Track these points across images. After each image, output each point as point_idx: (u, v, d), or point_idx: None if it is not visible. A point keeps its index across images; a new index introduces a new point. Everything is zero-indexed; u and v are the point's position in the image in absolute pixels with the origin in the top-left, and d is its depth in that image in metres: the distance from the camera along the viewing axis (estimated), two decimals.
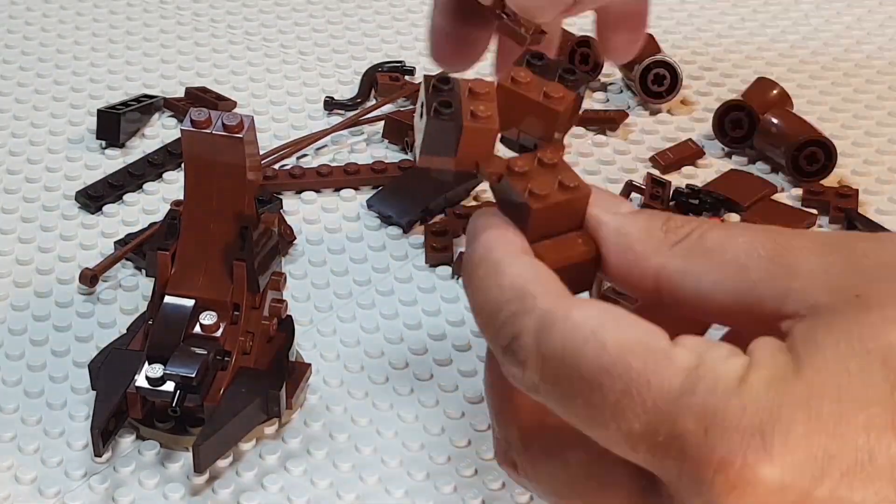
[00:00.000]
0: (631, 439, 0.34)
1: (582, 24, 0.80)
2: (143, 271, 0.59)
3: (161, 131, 0.70)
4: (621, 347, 0.35)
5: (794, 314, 0.36)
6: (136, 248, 0.60)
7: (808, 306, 0.36)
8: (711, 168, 0.67)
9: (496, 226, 0.40)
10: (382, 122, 0.70)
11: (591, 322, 0.36)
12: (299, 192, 0.65)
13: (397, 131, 0.69)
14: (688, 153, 0.68)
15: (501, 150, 0.42)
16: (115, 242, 0.61)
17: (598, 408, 0.35)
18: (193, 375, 0.47)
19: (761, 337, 0.36)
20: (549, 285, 0.38)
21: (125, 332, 0.52)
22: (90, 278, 0.58)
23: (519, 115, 0.42)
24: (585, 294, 0.41)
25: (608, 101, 0.73)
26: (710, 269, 0.38)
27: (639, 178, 0.65)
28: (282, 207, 0.63)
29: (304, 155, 0.68)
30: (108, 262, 0.59)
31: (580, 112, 0.47)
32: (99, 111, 0.69)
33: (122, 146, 0.68)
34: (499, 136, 0.42)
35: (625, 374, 0.35)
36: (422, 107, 0.41)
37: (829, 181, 0.65)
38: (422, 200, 0.63)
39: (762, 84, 0.70)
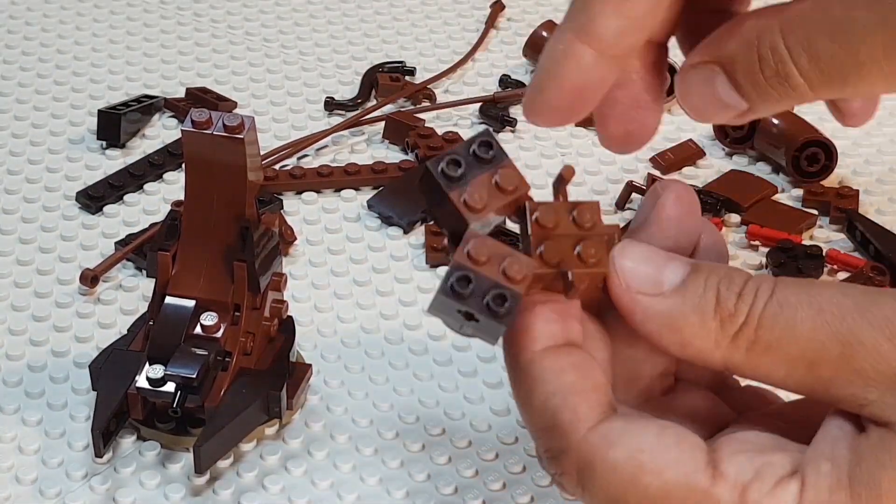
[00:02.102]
0: None
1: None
2: (144, 272, 0.59)
3: (161, 132, 0.70)
4: (664, 493, 0.36)
5: (872, 418, 0.37)
6: (136, 249, 0.60)
7: (885, 421, 0.37)
8: (712, 168, 0.68)
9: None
10: (383, 123, 0.70)
11: (629, 466, 0.37)
12: (300, 192, 0.65)
13: (398, 131, 0.69)
14: (688, 153, 0.68)
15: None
16: (116, 243, 0.61)
17: None
18: (194, 376, 0.47)
19: (819, 444, 0.38)
20: (579, 407, 0.38)
21: (126, 332, 0.52)
22: (91, 279, 0.58)
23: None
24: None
25: None
26: (777, 365, 0.38)
27: (639, 179, 0.65)
28: (282, 208, 0.63)
29: (305, 155, 0.68)
30: (109, 263, 0.59)
31: None
32: (99, 111, 0.69)
33: (122, 146, 0.68)
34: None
35: None
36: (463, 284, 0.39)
37: (830, 181, 0.65)
38: (422, 201, 0.63)
39: None
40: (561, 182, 0.42)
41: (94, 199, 0.64)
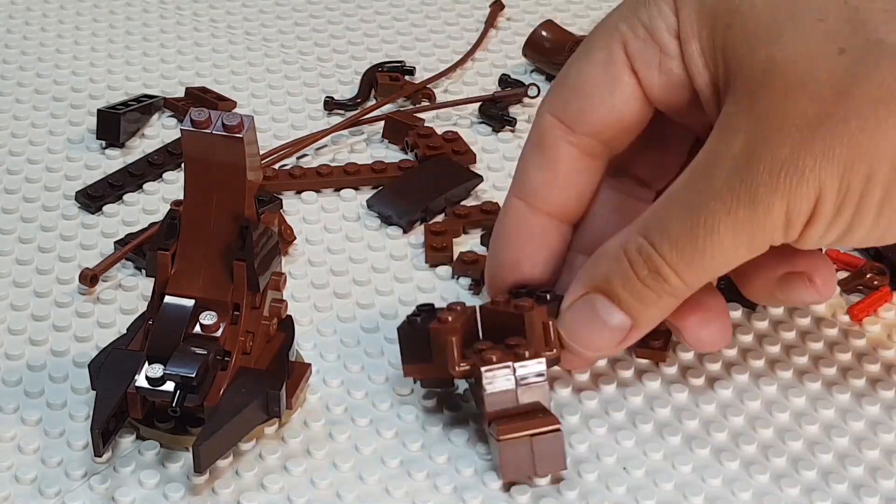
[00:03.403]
0: None
1: (581, 24, 0.80)
2: (143, 271, 0.59)
3: (161, 131, 0.70)
4: None
5: None
6: (136, 248, 0.60)
7: None
8: None
9: None
10: (382, 122, 0.70)
11: None
12: (299, 192, 0.65)
13: (397, 131, 0.69)
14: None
15: None
16: (115, 242, 0.61)
17: None
18: (193, 375, 0.47)
19: None
20: None
21: (125, 332, 0.52)
22: (90, 278, 0.58)
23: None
24: None
25: None
26: None
27: None
28: (282, 207, 0.63)
29: (304, 155, 0.68)
30: (108, 263, 0.59)
31: None
32: (99, 111, 0.69)
33: (122, 146, 0.68)
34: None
35: None
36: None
37: None
38: (422, 200, 0.63)
39: None
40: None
41: (94, 198, 0.64)
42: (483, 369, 0.47)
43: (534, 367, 0.48)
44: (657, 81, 0.48)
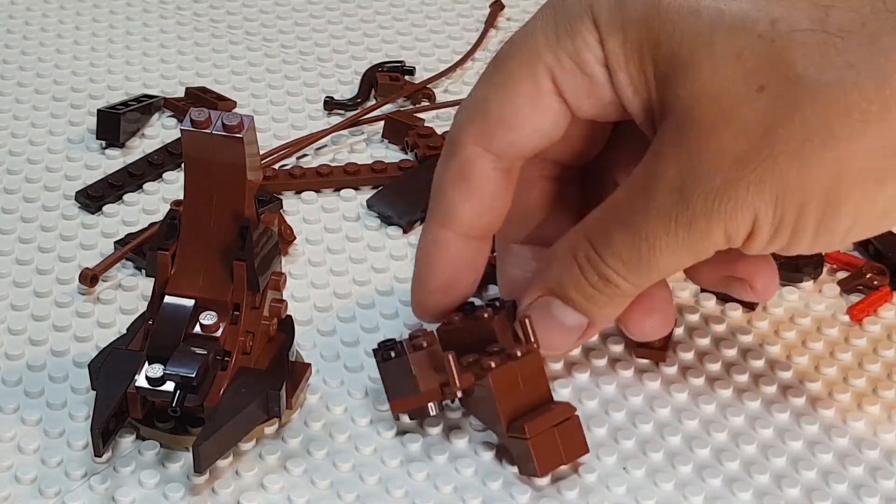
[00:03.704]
0: None
1: None
2: (143, 271, 0.59)
3: (161, 131, 0.70)
4: None
5: None
6: (136, 248, 0.60)
7: None
8: None
9: None
10: (382, 122, 0.70)
11: None
12: (299, 192, 0.65)
13: (397, 131, 0.69)
14: None
15: None
16: (115, 242, 0.61)
17: None
18: (193, 375, 0.47)
19: None
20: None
21: (125, 332, 0.52)
22: (90, 278, 0.58)
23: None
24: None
25: None
26: None
27: None
28: (282, 207, 0.63)
29: (304, 155, 0.68)
30: (108, 263, 0.59)
31: None
32: (99, 111, 0.69)
33: (122, 146, 0.68)
34: None
35: None
36: None
37: None
38: (422, 200, 0.63)
39: None
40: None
41: (94, 198, 0.64)
42: (491, 374, 0.47)
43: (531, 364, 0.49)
44: (587, 105, 0.48)
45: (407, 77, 0.74)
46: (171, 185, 0.65)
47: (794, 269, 0.58)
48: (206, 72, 0.76)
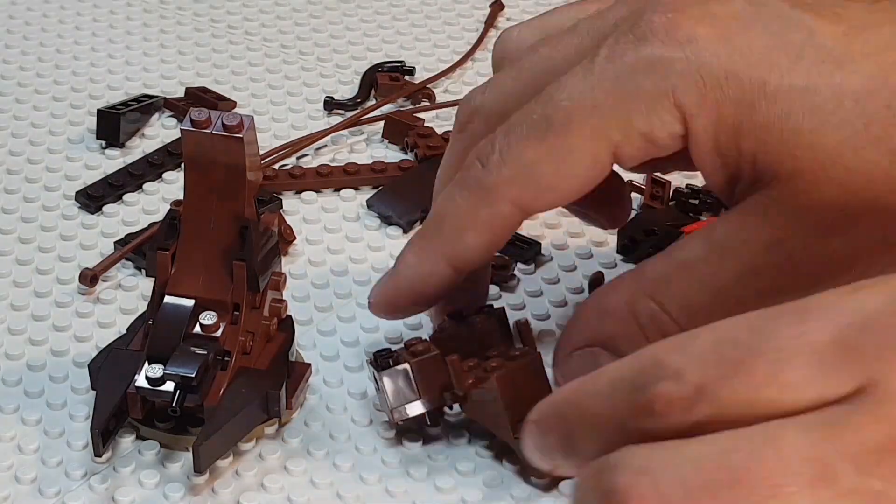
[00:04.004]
0: None
1: None
2: (143, 271, 0.59)
3: (161, 131, 0.70)
4: None
5: None
6: (136, 248, 0.60)
7: None
8: None
9: None
10: (382, 122, 0.70)
11: None
12: (299, 192, 0.65)
13: (397, 131, 0.69)
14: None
15: None
16: (115, 242, 0.61)
17: None
18: (193, 375, 0.47)
19: None
20: None
21: (125, 332, 0.52)
22: (90, 278, 0.58)
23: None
24: None
25: None
26: None
27: (639, 178, 0.65)
28: (281, 207, 0.63)
29: (304, 155, 0.68)
30: (108, 263, 0.59)
31: None
32: (99, 111, 0.69)
33: (122, 146, 0.68)
34: None
35: None
36: None
37: None
38: (422, 200, 0.63)
39: None
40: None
41: (94, 198, 0.64)
42: (495, 376, 0.47)
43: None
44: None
45: (407, 77, 0.74)
46: (171, 185, 0.65)
47: None
48: (206, 72, 0.76)
